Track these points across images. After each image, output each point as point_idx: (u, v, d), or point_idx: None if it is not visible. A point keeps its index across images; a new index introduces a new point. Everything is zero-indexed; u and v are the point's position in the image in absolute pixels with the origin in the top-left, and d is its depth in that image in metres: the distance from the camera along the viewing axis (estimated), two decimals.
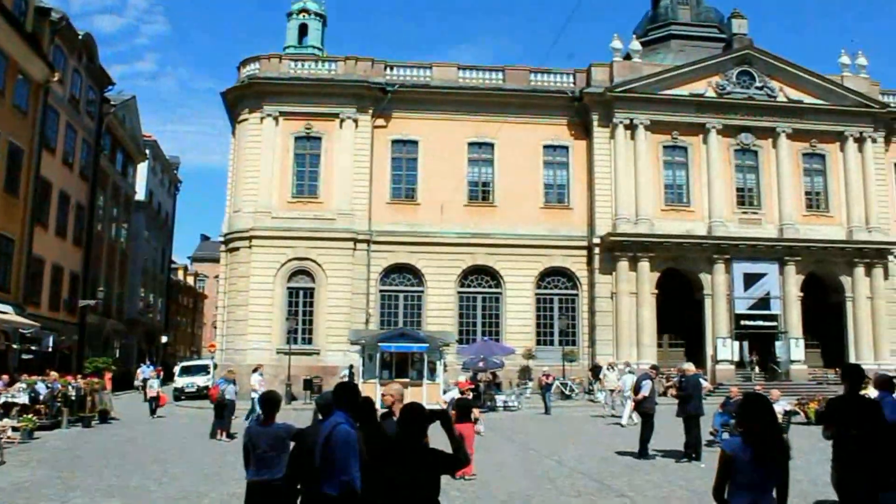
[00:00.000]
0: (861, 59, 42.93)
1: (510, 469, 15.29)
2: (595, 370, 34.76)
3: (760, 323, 39.43)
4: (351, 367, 32.67)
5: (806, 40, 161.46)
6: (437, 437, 5.81)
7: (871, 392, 14.21)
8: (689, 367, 17.92)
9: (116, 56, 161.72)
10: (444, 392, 29.26)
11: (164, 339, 66.37)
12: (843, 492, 7.17)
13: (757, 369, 38.59)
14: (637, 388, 18.14)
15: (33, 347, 32.79)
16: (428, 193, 39.07)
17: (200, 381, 38.20)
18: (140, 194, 56.96)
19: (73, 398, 24.97)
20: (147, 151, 57.12)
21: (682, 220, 39.37)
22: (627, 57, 41.66)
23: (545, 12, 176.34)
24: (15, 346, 30.97)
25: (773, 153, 40.78)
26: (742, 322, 39.14)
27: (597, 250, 38.78)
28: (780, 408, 18.90)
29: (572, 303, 39.83)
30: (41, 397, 23.14)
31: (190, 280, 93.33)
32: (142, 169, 57.21)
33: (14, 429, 19.41)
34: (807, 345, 39.37)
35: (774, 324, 39.57)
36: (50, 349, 34.16)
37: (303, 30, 48.41)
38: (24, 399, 22.19)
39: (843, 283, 40.24)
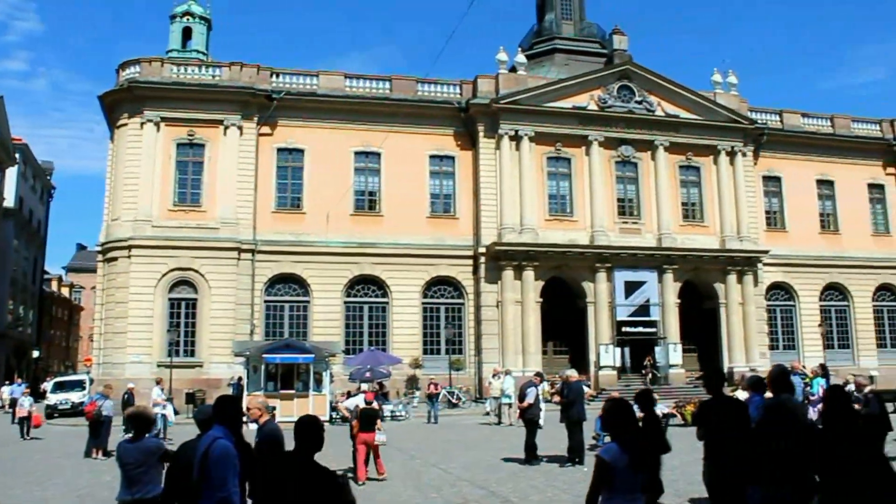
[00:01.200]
0: (732, 78, 45.02)
1: (396, 479, 15.21)
2: None
3: (641, 329, 40.68)
4: (240, 378, 31.95)
5: (683, 58, 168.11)
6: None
7: (741, 393, 14.82)
8: (572, 374, 18.27)
9: None
10: (332, 403, 29.04)
11: (35, 353, 63.29)
12: (714, 489, 7.54)
13: (650, 375, 39.54)
14: (522, 396, 18.42)
15: None
16: (314, 203, 38.69)
17: (75, 397, 36.42)
18: (9, 201, 54.31)
19: None
20: (17, 156, 54.52)
21: (565, 229, 40.25)
22: (513, 69, 42.39)
23: (432, 23, 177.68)
24: None
25: (652, 165, 42.24)
26: (623, 329, 40.29)
27: (482, 260, 39.21)
28: (658, 411, 19.50)
29: (459, 312, 40.13)
30: None
31: (65, 291, 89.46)
32: (11, 174, 54.59)
33: None
34: (684, 349, 40.85)
35: (654, 330, 40.89)
36: None
37: (187, 34, 47.21)
38: None
39: (716, 289, 41.98)
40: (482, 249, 39.24)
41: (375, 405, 15.91)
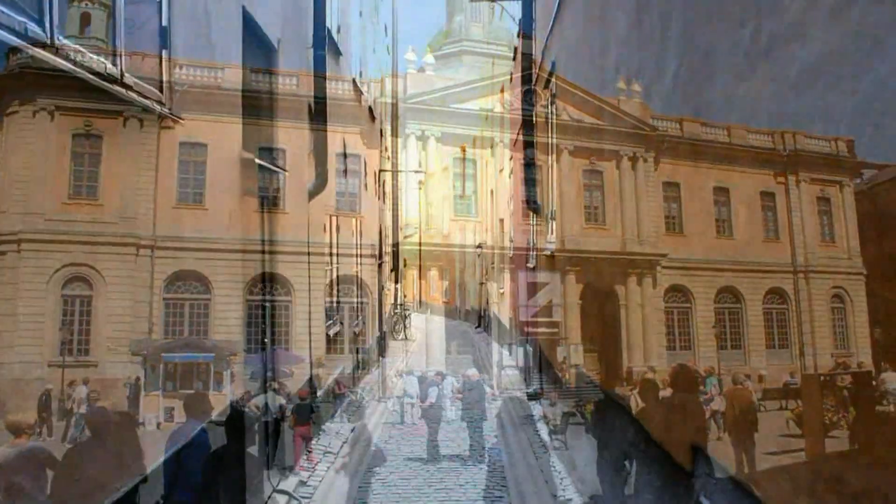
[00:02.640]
0: (636, 86, 45.95)
1: None
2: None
3: (544, 329, 41.19)
4: (137, 378, 30.98)
5: (591, 64, 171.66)
6: None
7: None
8: (473, 374, 18.48)
9: None
10: (233, 402, 28.55)
11: None
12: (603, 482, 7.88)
13: (565, 375, 40.17)
14: (425, 395, 18.51)
15: None
16: (216, 198, 37.81)
17: None
18: None
19: None
20: None
21: (471, 230, 40.51)
22: (422, 70, 42.43)
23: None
24: None
25: (557, 168, 42.84)
26: (527, 329, 40.75)
27: (386, 259, 39.12)
28: (559, 411, 19.86)
29: (363, 311, 39.91)
30: None
31: None
32: None
33: None
34: (586, 350, 41.49)
35: (556, 330, 41.46)
36: None
37: (85, 19, 45.51)
38: None
39: (618, 291, 42.80)
40: (387, 249, 39.13)
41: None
